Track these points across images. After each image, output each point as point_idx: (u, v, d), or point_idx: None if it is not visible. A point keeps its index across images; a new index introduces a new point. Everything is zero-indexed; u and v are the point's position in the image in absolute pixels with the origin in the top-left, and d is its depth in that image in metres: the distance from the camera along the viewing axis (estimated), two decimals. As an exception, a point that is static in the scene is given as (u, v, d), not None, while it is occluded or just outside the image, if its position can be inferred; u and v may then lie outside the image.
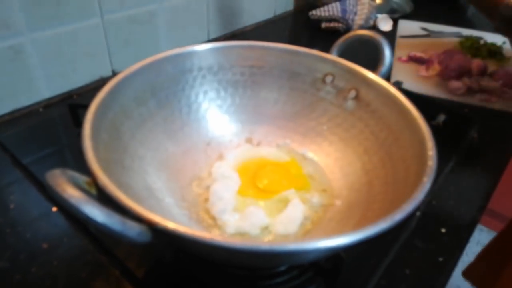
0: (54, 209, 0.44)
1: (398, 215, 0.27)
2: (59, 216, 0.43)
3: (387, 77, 0.45)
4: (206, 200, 0.42)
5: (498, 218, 1.28)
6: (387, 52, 0.44)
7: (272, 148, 0.49)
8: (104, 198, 0.26)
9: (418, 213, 0.47)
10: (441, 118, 0.62)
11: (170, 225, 0.24)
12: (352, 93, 0.45)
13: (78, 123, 0.54)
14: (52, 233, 0.41)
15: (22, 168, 0.50)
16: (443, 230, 0.46)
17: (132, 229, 0.24)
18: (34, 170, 0.49)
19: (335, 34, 0.89)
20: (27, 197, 0.46)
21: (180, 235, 0.23)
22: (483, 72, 0.74)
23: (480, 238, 1.31)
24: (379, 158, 0.40)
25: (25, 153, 0.52)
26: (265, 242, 0.23)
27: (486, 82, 0.71)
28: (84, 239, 0.41)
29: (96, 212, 0.23)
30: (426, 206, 0.48)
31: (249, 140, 0.49)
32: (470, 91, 0.71)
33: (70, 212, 0.23)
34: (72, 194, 0.23)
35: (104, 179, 0.26)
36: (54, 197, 0.23)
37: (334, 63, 0.46)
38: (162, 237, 0.25)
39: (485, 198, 0.51)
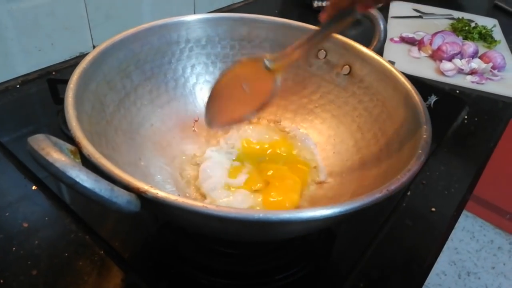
0: (34, 187, 0.42)
1: (393, 186, 0.26)
2: (39, 195, 0.42)
3: (381, 54, 0.44)
4: (196, 178, 0.40)
5: (483, 204, 1.30)
6: (381, 26, 0.43)
7: (262, 127, 0.47)
8: (89, 168, 0.24)
9: (408, 193, 0.47)
10: (432, 99, 0.62)
11: (160, 193, 0.22)
12: (346, 69, 0.44)
13: (57, 99, 0.52)
14: (33, 213, 0.40)
15: (0, 147, 0.47)
16: (433, 209, 0.46)
17: (120, 197, 0.22)
18: (12, 148, 0.47)
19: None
20: (5, 176, 0.44)
21: (170, 203, 0.22)
22: (474, 55, 0.74)
23: (466, 224, 1.34)
24: (372, 135, 0.40)
25: (3, 131, 0.49)
26: (259, 211, 0.22)
27: (476, 64, 0.71)
28: (66, 218, 0.39)
29: (83, 177, 0.21)
30: (417, 186, 0.48)
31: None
32: (461, 73, 0.71)
33: (56, 179, 0.21)
34: (57, 158, 0.21)
35: (89, 148, 0.25)
36: (38, 162, 0.22)
37: (327, 37, 0.44)
38: (151, 206, 0.23)
39: (474, 178, 0.51)
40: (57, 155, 0.21)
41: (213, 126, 0.41)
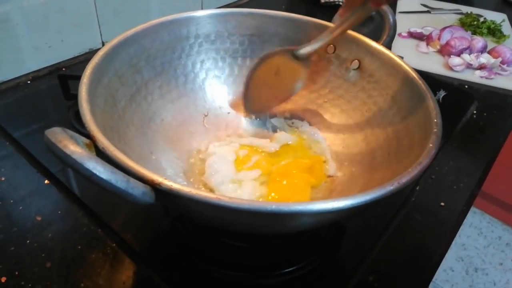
0: (47, 182, 0.43)
1: (404, 179, 0.26)
2: (52, 189, 0.42)
3: (389, 49, 0.43)
4: (203, 172, 0.41)
5: (491, 200, 1.29)
6: (391, 20, 0.43)
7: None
8: (104, 160, 0.24)
9: (417, 188, 0.47)
10: (441, 94, 0.62)
11: (174, 185, 0.23)
12: (355, 64, 0.44)
13: (68, 95, 0.52)
14: (46, 206, 0.40)
15: (13, 142, 0.48)
16: (442, 204, 0.46)
17: (136, 188, 0.23)
18: (24, 143, 0.47)
19: (334, 9, 0.86)
20: (18, 170, 0.44)
21: (184, 195, 0.22)
22: (483, 49, 0.73)
23: (473, 221, 1.33)
24: (382, 129, 0.40)
25: (15, 127, 0.50)
26: (271, 202, 0.22)
27: (485, 59, 0.71)
28: (79, 212, 0.40)
29: (100, 169, 0.22)
30: (426, 180, 0.48)
31: (247, 112, 0.48)
32: (469, 68, 0.70)
33: (73, 171, 0.22)
34: (75, 150, 0.21)
35: (104, 141, 0.25)
36: (55, 155, 0.22)
37: (336, 32, 0.44)
38: (166, 198, 0.24)
39: (483, 173, 0.51)
40: (74, 148, 0.22)
41: (252, 112, 0.47)
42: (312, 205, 0.23)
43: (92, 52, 0.65)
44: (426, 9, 0.92)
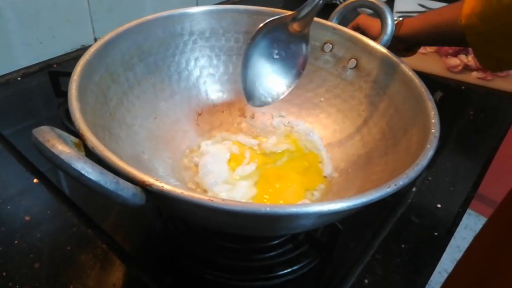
0: (36, 181, 0.42)
1: (402, 180, 0.26)
2: (41, 188, 0.41)
3: (387, 48, 0.43)
4: (196, 172, 0.40)
5: (486, 202, 1.30)
6: (389, 19, 0.42)
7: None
8: (94, 160, 0.23)
9: (414, 189, 0.47)
10: (438, 95, 0.62)
11: (166, 186, 0.22)
12: (352, 62, 0.43)
13: (59, 92, 0.51)
14: (34, 206, 0.39)
15: (2, 139, 0.47)
16: (439, 206, 0.45)
17: (126, 190, 0.22)
18: (13, 141, 0.46)
19: (331, 7, 0.86)
20: (7, 169, 0.43)
21: (176, 197, 0.22)
22: (479, 50, 0.73)
23: (468, 223, 1.33)
24: (379, 129, 0.39)
25: (4, 124, 0.49)
26: (266, 205, 0.21)
27: (482, 60, 0.70)
28: (68, 212, 0.39)
29: (88, 169, 0.21)
30: (422, 182, 0.48)
31: (242, 112, 0.47)
32: (467, 68, 0.70)
33: (61, 171, 0.21)
34: (62, 150, 0.21)
35: (93, 140, 0.24)
36: (42, 154, 0.21)
37: (333, 30, 0.44)
38: (156, 199, 0.23)
39: (480, 175, 0.51)
40: (62, 147, 0.21)
41: (255, 103, 0.41)
42: (307, 207, 0.22)
43: (84, 49, 0.63)
44: (423, 9, 0.92)
